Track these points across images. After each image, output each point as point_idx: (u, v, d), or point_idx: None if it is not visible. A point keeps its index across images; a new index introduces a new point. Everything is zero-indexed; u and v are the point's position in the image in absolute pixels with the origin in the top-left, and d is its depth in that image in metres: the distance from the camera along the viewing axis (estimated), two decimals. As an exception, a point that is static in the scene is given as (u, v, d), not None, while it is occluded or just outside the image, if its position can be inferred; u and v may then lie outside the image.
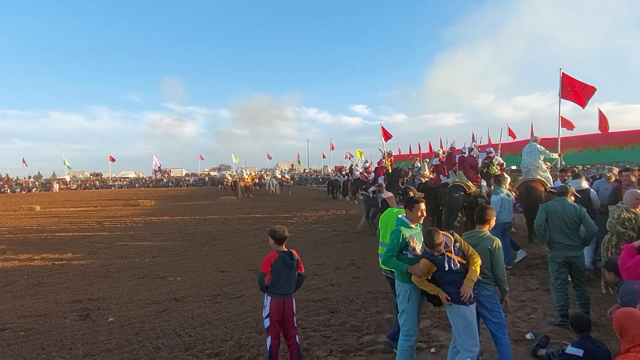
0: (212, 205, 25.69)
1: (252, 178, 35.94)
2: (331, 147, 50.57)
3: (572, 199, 5.59)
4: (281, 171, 42.64)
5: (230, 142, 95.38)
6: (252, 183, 34.62)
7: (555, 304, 5.30)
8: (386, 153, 13.90)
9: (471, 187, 10.66)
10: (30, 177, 58.51)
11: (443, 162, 13.12)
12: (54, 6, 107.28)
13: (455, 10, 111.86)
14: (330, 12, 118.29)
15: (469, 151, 12.21)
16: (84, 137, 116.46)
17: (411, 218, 4.00)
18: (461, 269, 3.65)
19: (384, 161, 13.97)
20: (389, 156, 13.91)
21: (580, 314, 4.19)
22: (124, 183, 57.36)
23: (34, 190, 50.24)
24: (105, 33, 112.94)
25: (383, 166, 13.97)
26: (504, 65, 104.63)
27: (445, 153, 14.67)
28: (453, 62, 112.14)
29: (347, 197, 24.63)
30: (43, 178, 61.45)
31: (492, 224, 4.11)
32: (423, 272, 3.70)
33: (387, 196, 5.25)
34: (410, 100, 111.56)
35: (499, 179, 8.81)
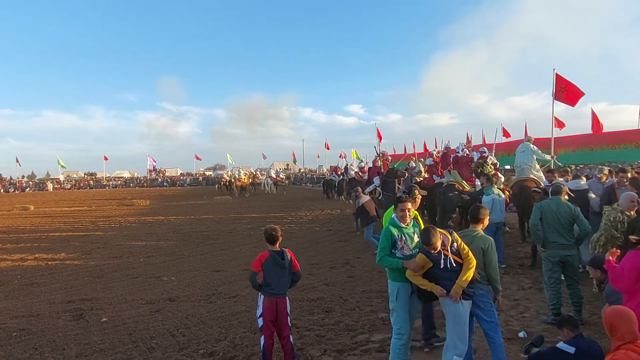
0: (207, 205, 25.62)
1: (249, 177, 35.93)
2: (326, 147, 50.54)
3: (566, 198, 5.62)
4: (276, 171, 42.58)
5: (225, 142, 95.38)
6: (249, 183, 34.59)
7: (548, 303, 5.33)
8: (380, 153, 13.91)
9: (465, 187, 10.72)
10: (23, 177, 58.05)
11: (437, 162, 13.18)
12: (48, 4, 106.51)
13: (452, 10, 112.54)
14: (326, 12, 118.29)
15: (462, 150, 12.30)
16: (78, 137, 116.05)
17: (398, 217, 4.03)
18: (457, 268, 3.68)
19: (379, 161, 14.00)
20: (384, 156, 13.93)
21: (567, 316, 4.20)
22: (119, 183, 57.01)
23: (28, 190, 49.77)
24: (99, 32, 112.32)
25: (377, 166, 13.98)
26: (500, 65, 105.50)
27: (440, 153, 14.71)
28: (449, 63, 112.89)
29: (342, 197, 24.65)
30: (37, 178, 61.00)
31: (486, 223, 4.15)
32: (418, 266, 3.73)
33: (365, 201, 5.29)
34: (405, 100, 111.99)
35: (490, 179, 8.83)
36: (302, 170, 62.18)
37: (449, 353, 3.65)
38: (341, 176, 25.90)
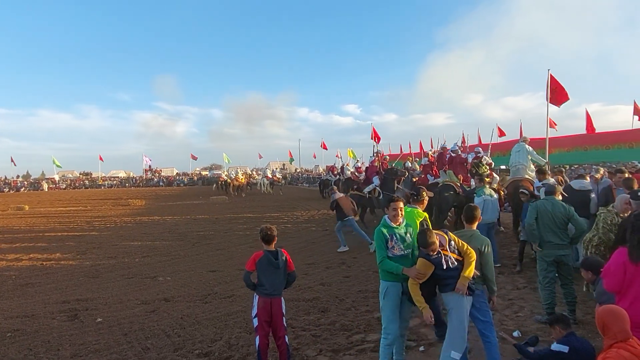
0: (203, 205, 25.56)
1: (246, 177, 35.84)
2: (323, 147, 50.43)
3: (560, 198, 5.66)
4: (272, 170, 42.49)
5: (222, 142, 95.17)
6: (246, 182, 34.52)
7: (542, 302, 5.37)
8: (376, 153, 13.94)
9: (458, 188, 10.73)
10: (18, 177, 57.68)
11: (432, 162, 13.21)
12: (43, 4, 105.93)
13: (448, 11, 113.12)
14: (323, 13, 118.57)
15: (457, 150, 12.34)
16: (74, 136, 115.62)
17: (390, 217, 4.04)
18: (458, 266, 3.70)
19: (376, 161, 14.02)
20: (382, 156, 13.96)
21: (560, 314, 4.23)
22: (114, 182, 56.76)
23: (23, 189, 49.49)
24: (95, 31, 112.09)
25: (375, 166, 14.00)
26: (495, 66, 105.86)
27: (435, 153, 14.75)
28: (445, 63, 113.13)
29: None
30: (32, 177, 60.63)
31: (478, 220, 4.18)
32: (420, 273, 3.70)
33: (338, 197, 5.34)
34: (401, 100, 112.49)
35: (482, 180, 8.84)
36: (299, 170, 62.11)
37: (449, 349, 3.66)
38: (337, 176, 25.90)
